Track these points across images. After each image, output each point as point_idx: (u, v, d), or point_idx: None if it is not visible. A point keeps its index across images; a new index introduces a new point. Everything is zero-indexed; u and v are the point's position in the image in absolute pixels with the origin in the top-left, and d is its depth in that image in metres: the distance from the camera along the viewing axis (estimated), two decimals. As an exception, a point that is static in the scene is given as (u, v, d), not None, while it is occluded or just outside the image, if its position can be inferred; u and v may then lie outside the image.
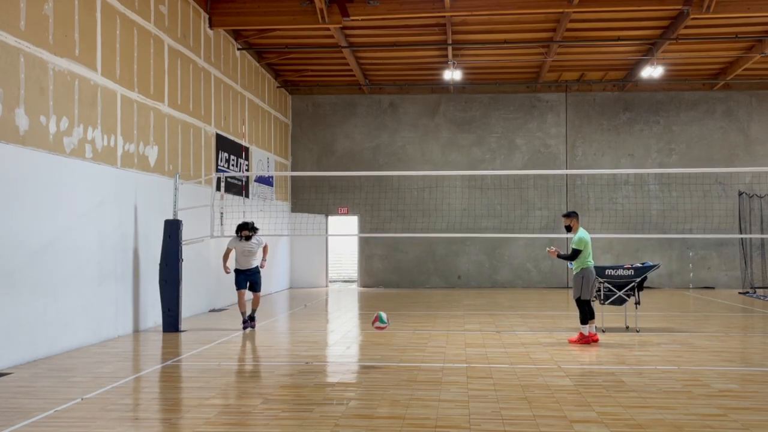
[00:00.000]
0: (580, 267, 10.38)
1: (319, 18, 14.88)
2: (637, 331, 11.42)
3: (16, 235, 8.47)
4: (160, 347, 10.14)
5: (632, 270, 11.24)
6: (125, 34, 11.34)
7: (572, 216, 10.72)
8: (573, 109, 22.02)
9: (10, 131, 8.42)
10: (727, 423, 5.83)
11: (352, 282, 23.96)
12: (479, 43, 17.74)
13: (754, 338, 11.35)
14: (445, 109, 22.23)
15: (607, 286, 11.29)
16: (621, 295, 11.24)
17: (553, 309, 15.31)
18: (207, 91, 14.97)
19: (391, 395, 6.84)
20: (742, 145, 21.61)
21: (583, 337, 10.17)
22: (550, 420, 5.91)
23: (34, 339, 8.80)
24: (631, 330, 11.55)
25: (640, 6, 14.97)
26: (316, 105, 22.48)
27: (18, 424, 5.79)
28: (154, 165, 12.37)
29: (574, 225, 10.63)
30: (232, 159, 16.47)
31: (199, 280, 14.16)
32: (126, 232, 11.32)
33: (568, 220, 10.69)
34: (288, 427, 5.76)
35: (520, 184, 21.57)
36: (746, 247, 20.43)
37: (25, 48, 8.72)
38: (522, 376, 7.81)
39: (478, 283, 21.99)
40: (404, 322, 12.88)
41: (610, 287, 11.28)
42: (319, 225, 21.52)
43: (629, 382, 7.49)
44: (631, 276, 11.19)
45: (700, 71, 20.65)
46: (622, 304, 11.45)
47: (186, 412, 6.26)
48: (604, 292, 11.32)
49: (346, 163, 22.16)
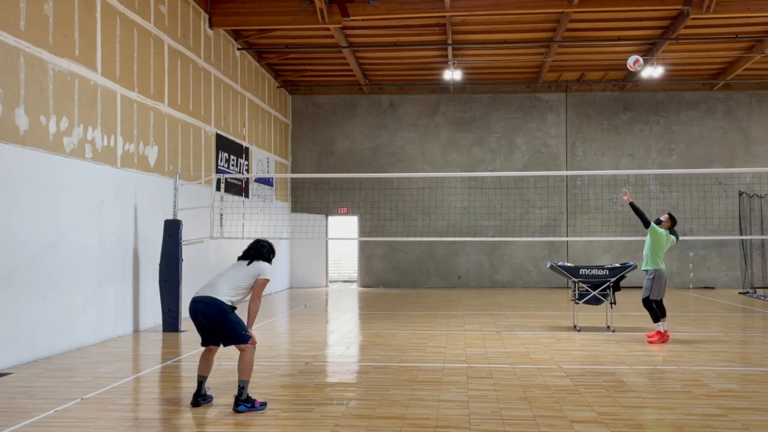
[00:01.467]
0: (654, 268, 10.46)
1: (319, 18, 14.88)
2: (612, 330, 11.43)
3: (16, 235, 8.47)
4: (160, 347, 10.14)
5: (607, 270, 11.43)
6: (125, 34, 11.34)
7: (671, 219, 10.78)
8: (573, 109, 22.02)
9: (10, 131, 8.42)
10: (727, 423, 5.83)
11: (352, 282, 23.95)
12: (479, 43, 17.74)
13: (754, 338, 11.35)
14: (445, 109, 22.23)
15: (582, 285, 11.51)
16: (596, 295, 11.36)
17: (553, 309, 15.31)
18: (207, 91, 14.97)
19: (391, 395, 6.84)
20: (742, 145, 21.61)
21: (661, 336, 10.23)
22: (550, 420, 5.91)
23: (35, 339, 8.80)
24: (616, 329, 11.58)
25: (640, 6, 14.97)
26: (316, 105, 22.48)
27: (18, 424, 5.78)
28: (154, 165, 12.37)
29: (665, 224, 10.67)
30: (232, 159, 16.47)
31: (199, 280, 14.08)
32: (126, 232, 11.32)
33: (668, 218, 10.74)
34: (288, 427, 5.76)
35: (520, 184, 21.56)
36: (746, 247, 20.43)
37: (25, 48, 8.72)
38: (522, 376, 7.81)
39: (478, 283, 21.98)
40: (404, 322, 12.88)
41: (585, 287, 11.49)
42: (319, 225, 21.51)
43: (629, 382, 7.49)
44: (605, 276, 11.35)
45: (700, 71, 20.65)
46: (598, 304, 11.62)
47: (186, 412, 6.26)
48: (580, 292, 11.57)
49: (346, 163, 22.16)
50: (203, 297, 6.33)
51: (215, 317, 6.27)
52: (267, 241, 6.86)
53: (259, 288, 6.48)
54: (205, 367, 6.50)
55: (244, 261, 6.64)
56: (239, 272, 6.51)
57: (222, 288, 6.36)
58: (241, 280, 6.44)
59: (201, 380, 6.48)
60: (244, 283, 6.45)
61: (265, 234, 17.46)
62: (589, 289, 11.48)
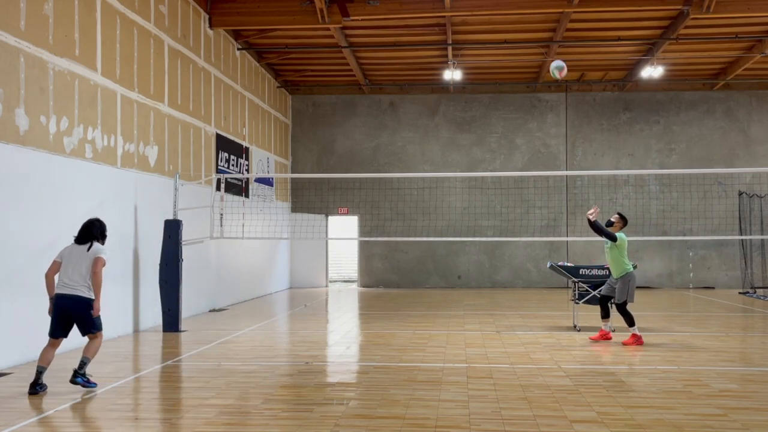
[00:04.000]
0: (623, 272, 10.32)
1: (319, 18, 14.88)
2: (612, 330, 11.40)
3: (16, 235, 8.47)
4: (160, 347, 10.14)
5: (607, 270, 11.31)
6: (125, 34, 11.34)
7: (622, 219, 10.71)
8: (573, 109, 22.02)
9: (10, 131, 8.42)
10: (727, 423, 5.83)
11: (352, 282, 23.95)
12: (479, 43, 17.74)
13: (754, 338, 11.35)
14: (445, 109, 22.23)
15: (582, 285, 11.51)
16: (596, 295, 11.33)
17: (553, 309, 15.31)
18: (207, 91, 14.97)
19: (391, 395, 6.84)
20: (742, 145, 21.61)
21: (637, 339, 10.18)
22: (550, 420, 5.91)
23: (35, 339, 8.77)
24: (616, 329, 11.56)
25: (640, 6, 14.97)
26: (316, 105, 22.48)
27: (18, 424, 5.78)
28: (154, 165, 12.36)
29: (617, 226, 10.59)
30: (232, 159, 16.48)
31: (199, 280, 14.15)
32: (126, 233, 11.32)
33: (618, 219, 10.66)
34: (288, 427, 5.76)
35: (520, 183, 21.55)
36: (746, 247, 20.43)
37: (25, 48, 8.72)
38: (522, 376, 7.81)
39: (478, 283, 21.98)
40: (404, 322, 12.89)
41: (585, 287, 11.50)
42: (319, 225, 21.51)
43: (629, 382, 7.49)
44: (606, 276, 11.29)
45: (700, 71, 20.65)
46: (597, 304, 11.54)
47: (186, 412, 6.26)
48: (580, 292, 11.57)
49: (346, 163, 22.16)
50: (70, 295, 6.99)
51: (81, 312, 7.05)
52: (98, 219, 7.53)
53: (98, 267, 7.11)
54: (47, 358, 7.03)
55: (83, 246, 7.21)
56: (83, 260, 7.12)
57: (80, 282, 7.04)
58: (86, 267, 7.11)
59: (41, 371, 6.94)
60: (89, 268, 7.12)
61: (266, 234, 17.50)
62: (589, 288, 11.50)
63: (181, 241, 11.62)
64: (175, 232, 11.58)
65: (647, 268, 21.17)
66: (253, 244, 17.76)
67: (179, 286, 11.50)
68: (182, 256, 11.66)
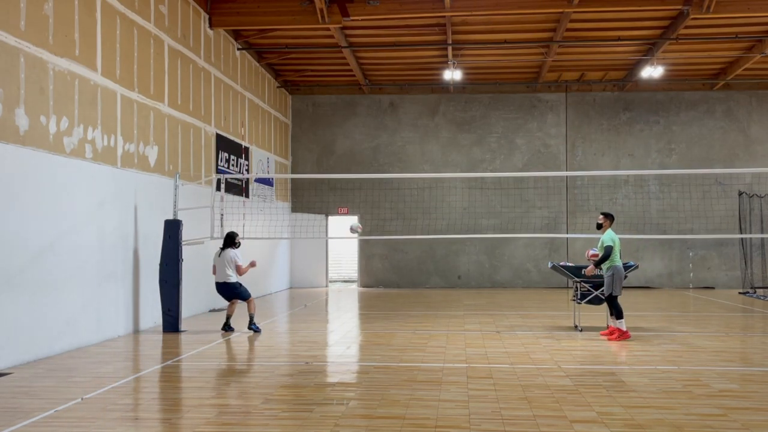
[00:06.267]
0: (610, 265, 10.63)
1: (319, 18, 14.88)
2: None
3: (17, 235, 8.47)
4: (160, 347, 10.14)
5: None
6: (125, 34, 11.34)
7: (608, 217, 10.96)
8: (573, 109, 22.02)
9: (10, 131, 8.42)
10: (727, 423, 5.83)
11: (352, 282, 23.95)
12: (479, 43, 17.74)
13: (754, 338, 11.35)
14: (445, 109, 22.23)
15: (584, 285, 11.56)
16: (598, 295, 11.38)
17: (553, 309, 15.31)
18: (207, 91, 14.97)
19: (391, 395, 6.84)
20: (742, 145, 21.61)
21: (622, 333, 10.39)
22: (550, 420, 5.91)
23: (35, 339, 8.80)
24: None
25: (640, 6, 14.97)
26: (316, 105, 22.48)
27: (18, 424, 5.79)
28: (154, 165, 12.37)
29: (605, 225, 10.85)
30: (232, 159, 16.48)
31: (199, 280, 14.14)
32: (126, 232, 11.32)
33: (604, 219, 10.90)
34: (288, 427, 5.76)
35: (520, 184, 21.56)
36: (746, 247, 20.43)
37: (25, 48, 8.72)
38: (522, 376, 7.81)
39: (478, 283, 21.98)
40: (404, 322, 12.88)
41: (587, 287, 11.54)
42: (319, 225, 21.51)
43: (629, 382, 7.49)
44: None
45: (700, 71, 20.65)
46: (599, 304, 11.64)
47: (186, 412, 6.26)
48: (582, 292, 11.62)
49: (346, 163, 22.16)
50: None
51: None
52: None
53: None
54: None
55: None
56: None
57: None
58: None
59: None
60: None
61: (266, 234, 17.49)
62: (591, 288, 11.49)
63: (181, 241, 11.62)
64: (175, 232, 11.58)
65: (647, 268, 21.18)
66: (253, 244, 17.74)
67: (179, 286, 11.50)
68: (182, 256, 11.66)
